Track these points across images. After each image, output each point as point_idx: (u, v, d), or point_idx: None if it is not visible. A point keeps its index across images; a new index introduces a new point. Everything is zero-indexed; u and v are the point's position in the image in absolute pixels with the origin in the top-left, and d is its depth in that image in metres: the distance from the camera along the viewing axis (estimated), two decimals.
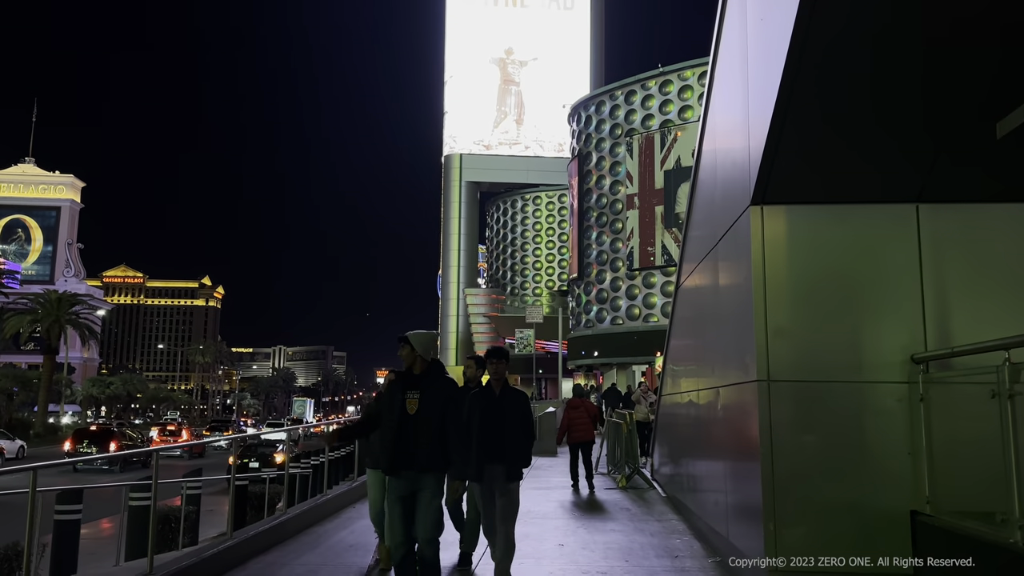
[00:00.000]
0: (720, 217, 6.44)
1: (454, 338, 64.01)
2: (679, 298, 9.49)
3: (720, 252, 6.51)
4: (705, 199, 7.68)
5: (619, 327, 44.63)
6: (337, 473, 13.09)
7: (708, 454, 7.39)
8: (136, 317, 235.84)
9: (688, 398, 8.57)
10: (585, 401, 12.36)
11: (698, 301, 8.04)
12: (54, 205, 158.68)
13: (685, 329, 9.00)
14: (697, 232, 8.11)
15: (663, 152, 44.07)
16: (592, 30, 70.59)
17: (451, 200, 66.26)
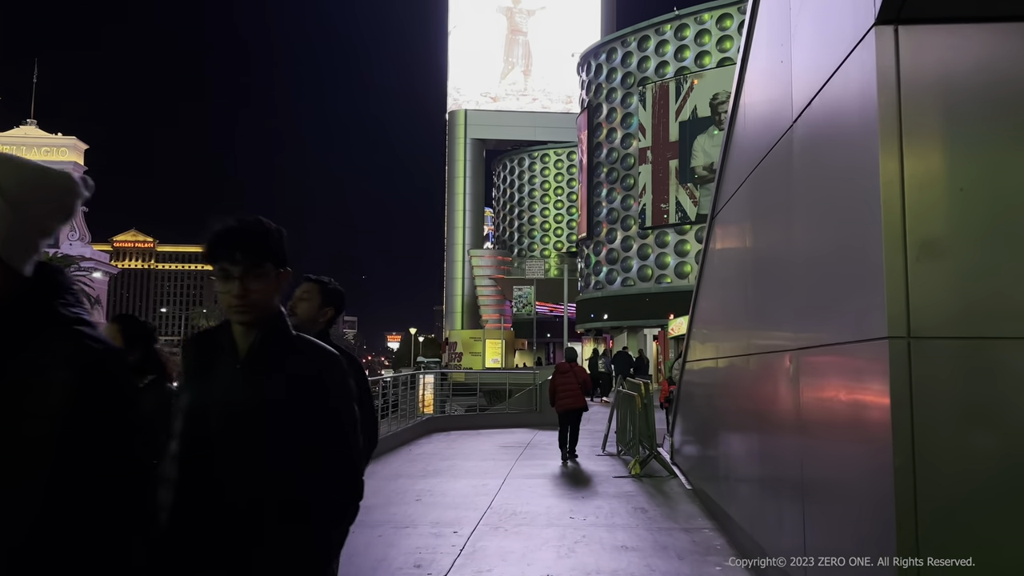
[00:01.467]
0: (807, 70, 4.10)
1: (460, 301, 61.96)
2: (715, 235, 7.20)
3: (802, 134, 4.19)
4: (770, 59, 5.27)
5: (630, 289, 42.37)
6: None
7: (766, 444, 5.17)
8: (147, 282, 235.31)
9: (729, 364, 6.35)
10: (575, 366, 11.35)
11: (751, 229, 5.75)
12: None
13: (726, 273, 6.73)
14: (751, 127, 5.76)
15: (678, 102, 41.36)
16: None
17: (455, 159, 63.77)
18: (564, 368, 11.29)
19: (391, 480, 8.93)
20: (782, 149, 4.56)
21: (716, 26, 40.90)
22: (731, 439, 6.48)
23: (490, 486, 8.44)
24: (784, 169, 4.53)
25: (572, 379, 10.99)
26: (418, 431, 13.92)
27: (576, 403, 10.93)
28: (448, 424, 15.20)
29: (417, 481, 8.85)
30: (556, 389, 11.10)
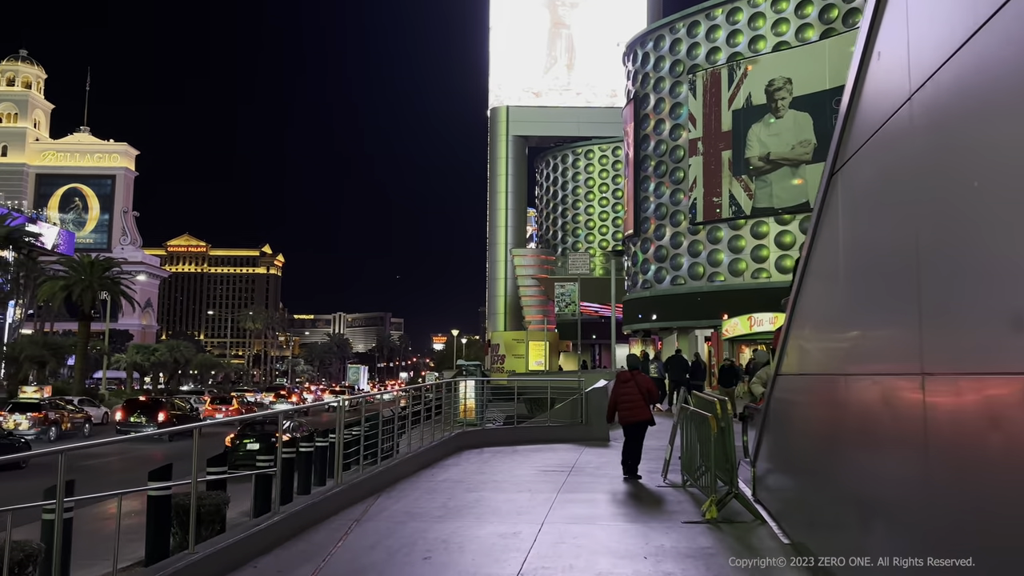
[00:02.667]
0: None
1: (502, 302, 60.20)
2: (838, 201, 5.17)
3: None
4: None
5: (680, 287, 40.13)
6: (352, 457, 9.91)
7: (949, 506, 3.17)
8: (199, 285, 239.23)
9: (874, 383, 4.34)
10: (637, 374, 10.35)
11: (910, 185, 3.74)
12: (109, 173, 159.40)
13: (866, 256, 4.68)
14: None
15: (731, 89, 39.00)
16: None
17: (498, 156, 62.00)
18: (625, 377, 10.30)
19: (401, 523, 7.12)
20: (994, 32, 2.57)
21: (771, 9, 38.51)
22: (872, 483, 4.48)
23: (523, 535, 6.57)
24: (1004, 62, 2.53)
25: (634, 389, 9.98)
26: (447, 448, 12.12)
27: (639, 415, 9.92)
28: (482, 439, 13.35)
29: (432, 525, 7.02)
30: (617, 400, 10.20)
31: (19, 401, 32.25)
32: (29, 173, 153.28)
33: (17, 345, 44.90)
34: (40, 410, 30.28)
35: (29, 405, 30.89)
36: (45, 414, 30.12)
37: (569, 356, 49.76)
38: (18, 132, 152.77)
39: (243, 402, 47.89)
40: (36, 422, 29.39)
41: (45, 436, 29.11)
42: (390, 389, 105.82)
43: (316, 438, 10.32)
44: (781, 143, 37.48)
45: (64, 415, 31.81)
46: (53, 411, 31.15)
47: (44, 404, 31.75)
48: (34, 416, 29.60)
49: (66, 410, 32.73)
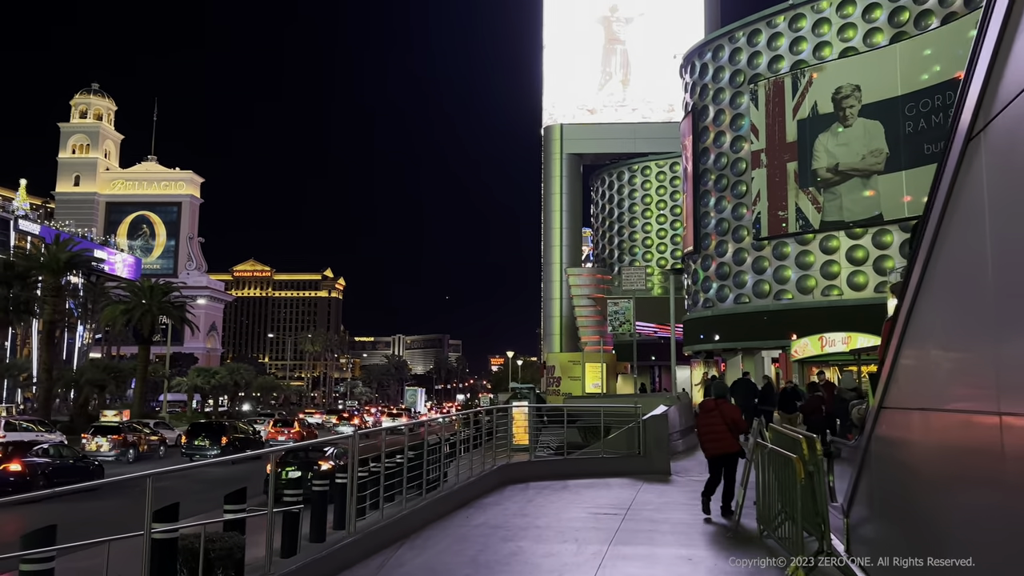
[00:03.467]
0: None
1: (557, 323, 58.88)
2: (979, 173, 3.80)
3: None
4: None
5: (744, 306, 38.24)
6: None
7: None
8: (264, 309, 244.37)
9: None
10: (722, 403, 9.77)
11: None
12: (175, 200, 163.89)
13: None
14: None
15: (796, 99, 37.22)
16: None
17: (551, 175, 60.99)
18: (709, 406, 9.81)
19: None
20: None
21: (836, 14, 36.72)
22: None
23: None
24: None
25: (718, 419, 9.41)
26: (489, 483, 10.91)
27: (722, 447, 9.34)
28: (528, 472, 12.09)
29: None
30: (702, 434, 9.83)
31: (100, 424, 33.96)
32: (99, 202, 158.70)
33: (78, 369, 45.49)
34: (119, 433, 31.84)
35: (109, 428, 32.51)
36: (124, 436, 31.70)
37: (627, 379, 48.11)
38: (89, 162, 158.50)
39: (304, 424, 47.67)
40: (116, 444, 31.02)
41: (124, 457, 30.80)
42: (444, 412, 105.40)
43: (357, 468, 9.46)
44: (850, 153, 35.51)
45: (141, 437, 33.33)
46: (131, 434, 32.74)
47: (123, 427, 33.29)
48: (114, 438, 31.17)
49: (143, 433, 34.30)
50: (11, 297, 33.97)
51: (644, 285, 31.78)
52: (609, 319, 35.41)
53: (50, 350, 38.10)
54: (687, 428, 20.12)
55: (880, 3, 35.36)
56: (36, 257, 40.51)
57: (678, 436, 18.15)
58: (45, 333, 39.08)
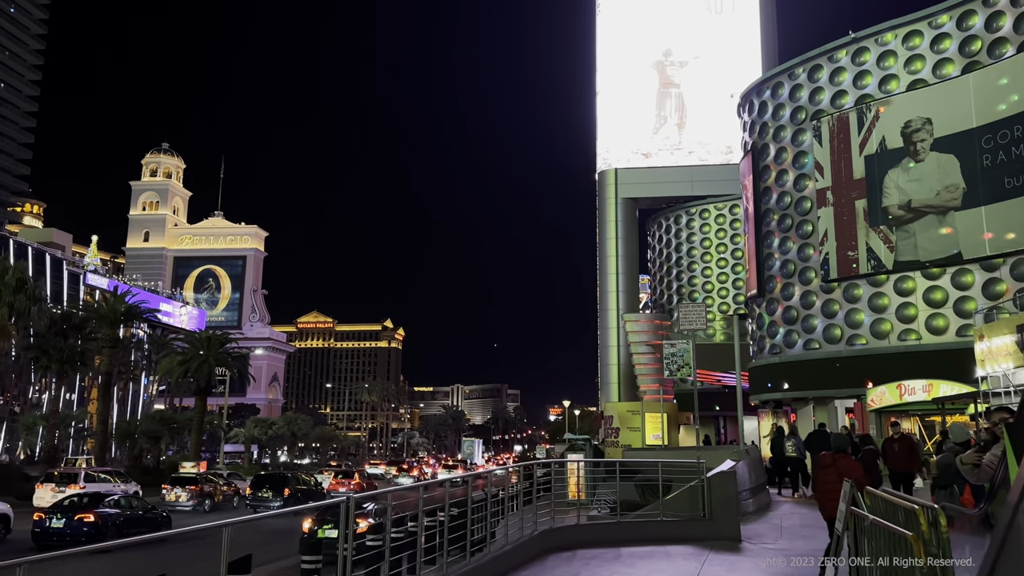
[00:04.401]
0: None
1: (615, 371, 57.05)
2: None
3: None
4: None
5: (814, 352, 36.12)
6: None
7: None
8: (326, 360, 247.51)
9: None
10: (841, 458, 8.89)
11: None
12: (240, 254, 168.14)
13: None
14: None
15: (862, 134, 35.54)
16: (762, 14, 62.34)
17: (606, 220, 59.89)
18: (825, 461, 9.06)
19: None
20: None
21: (902, 46, 35.17)
22: None
23: None
24: None
25: (834, 476, 8.51)
26: (528, 551, 9.58)
27: None
28: (573, 538, 10.70)
29: None
30: (816, 489, 9.45)
31: (179, 476, 35.48)
32: (168, 256, 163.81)
33: (132, 420, 45.57)
34: (196, 484, 33.15)
35: (187, 479, 33.93)
36: (200, 487, 32.96)
37: (689, 430, 45.94)
38: (159, 219, 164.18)
39: (365, 476, 47.44)
40: (193, 495, 32.30)
41: (200, 507, 32.14)
42: (501, 464, 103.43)
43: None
44: (924, 189, 33.52)
45: (216, 488, 34.59)
46: (207, 485, 34.06)
47: (200, 478, 34.71)
48: (191, 489, 32.48)
49: (217, 484, 35.61)
50: (65, 348, 34.41)
51: (704, 325, 29.96)
52: (666, 363, 33.56)
53: (106, 401, 38.23)
54: (758, 486, 18.36)
55: (949, 33, 33.70)
56: (94, 308, 41.11)
57: (748, 495, 16.47)
58: (102, 384, 39.19)
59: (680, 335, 37.59)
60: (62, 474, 31.45)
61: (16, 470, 36.37)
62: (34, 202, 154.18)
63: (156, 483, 37.34)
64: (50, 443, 35.31)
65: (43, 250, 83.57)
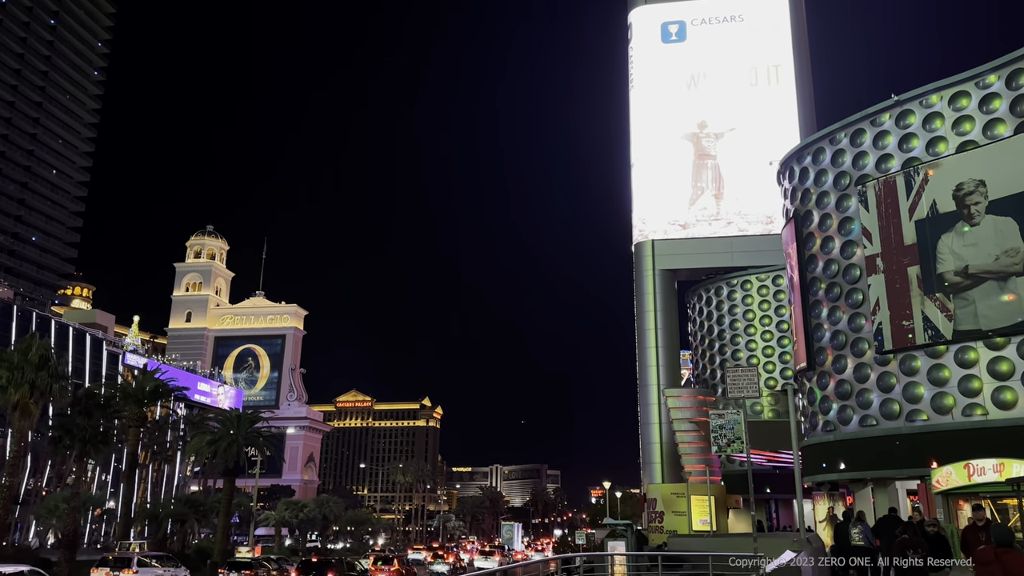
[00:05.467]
0: None
1: (658, 450, 54.55)
2: None
3: None
4: None
5: (872, 429, 33.75)
6: None
7: None
8: (364, 439, 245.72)
9: None
10: (1006, 554, 7.87)
11: None
12: (279, 333, 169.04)
13: None
14: None
15: (911, 198, 33.97)
16: (798, 83, 61.81)
17: (644, 292, 58.45)
18: (986, 557, 8.21)
19: None
20: None
21: (949, 107, 33.90)
22: None
23: None
24: None
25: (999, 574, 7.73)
26: None
27: None
28: None
29: None
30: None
31: (235, 560, 36.51)
32: (209, 336, 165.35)
33: (157, 502, 44.32)
34: (251, 568, 33.90)
35: (243, 564, 34.85)
36: (255, 572, 33.59)
37: (740, 514, 43.15)
38: (201, 300, 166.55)
39: (405, 562, 46.22)
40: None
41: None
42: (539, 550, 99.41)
43: None
44: (981, 254, 31.64)
45: (269, 573, 35.22)
46: (261, 569, 34.79)
47: (254, 563, 35.58)
48: (247, 574, 33.21)
49: (270, 568, 36.15)
50: (88, 427, 33.62)
51: (756, 392, 27.69)
52: (713, 437, 31.08)
53: (130, 482, 37.06)
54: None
55: (999, 93, 32.40)
56: (121, 386, 40.51)
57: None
58: (128, 465, 38.20)
59: (728, 405, 35.28)
60: (116, 559, 31.77)
61: (31, 554, 35.31)
62: (84, 285, 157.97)
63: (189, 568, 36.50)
64: (71, 526, 34.24)
65: (84, 330, 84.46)
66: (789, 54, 62.53)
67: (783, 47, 62.89)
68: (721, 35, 64.71)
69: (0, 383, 28.76)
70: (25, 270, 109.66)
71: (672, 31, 65.31)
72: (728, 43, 64.32)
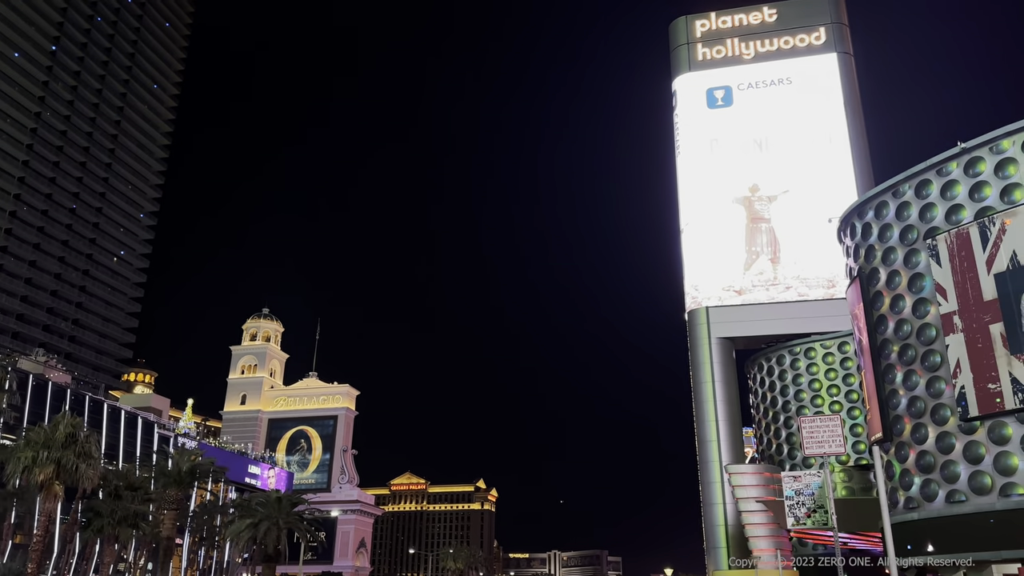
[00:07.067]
0: None
1: (722, 532, 50.74)
2: None
3: None
4: None
5: (960, 506, 30.28)
6: None
7: None
8: (418, 524, 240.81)
9: None
10: None
11: None
12: (331, 414, 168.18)
13: None
14: None
15: (988, 250, 31.32)
16: (852, 139, 59.77)
17: (700, 362, 55.67)
18: None
19: None
20: None
21: (1023, 152, 31.48)
22: None
23: None
24: None
25: None
26: None
27: None
28: None
29: None
30: None
31: None
32: (263, 418, 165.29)
33: None
34: None
35: None
36: None
37: None
38: (256, 382, 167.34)
39: None
40: None
41: None
42: None
43: None
44: None
45: None
46: None
47: None
48: None
49: None
50: (119, 509, 32.27)
51: (841, 447, 24.50)
52: (788, 507, 27.27)
53: (165, 568, 35.42)
54: None
55: None
56: (160, 467, 39.37)
57: None
58: (163, 548, 36.70)
59: (804, 466, 31.80)
60: None
61: None
62: (146, 372, 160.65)
63: None
64: None
65: (136, 414, 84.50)
66: (841, 113, 60.89)
67: (835, 107, 61.31)
68: (769, 98, 63.50)
69: (24, 463, 27.86)
70: (85, 356, 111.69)
71: (718, 96, 64.38)
72: (777, 106, 63.03)
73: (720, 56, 65.62)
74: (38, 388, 68.03)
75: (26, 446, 28.02)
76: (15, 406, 59.90)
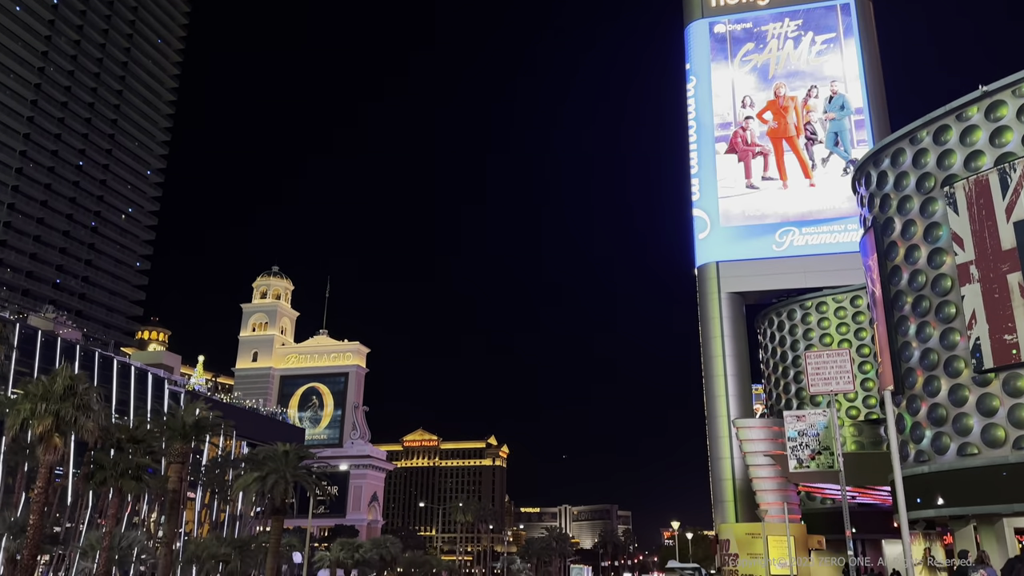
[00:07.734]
0: None
1: (729, 487, 50.60)
2: None
3: None
4: None
5: (972, 459, 29.75)
6: None
7: None
8: (431, 479, 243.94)
9: None
10: None
11: None
12: (342, 371, 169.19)
13: None
14: None
15: (1007, 197, 30.26)
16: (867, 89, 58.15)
17: (709, 317, 54.98)
18: None
19: None
20: None
21: None
22: None
23: None
24: None
25: None
26: None
27: None
28: None
29: None
30: None
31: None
32: (275, 376, 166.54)
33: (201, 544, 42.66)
34: None
35: None
36: None
37: (823, 556, 38.86)
38: (267, 339, 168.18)
39: None
40: None
41: None
42: None
43: None
44: None
45: None
46: None
47: None
48: None
49: None
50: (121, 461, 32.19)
51: (849, 384, 23.95)
52: (791, 449, 26.78)
53: (172, 521, 35.56)
54: None
55: None
56: (166, 421, 39.39)
57: None
58: (169, 502, 36.80)
59: (810, 405, 30.89)
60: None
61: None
62: (160, 330, 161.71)
63: None
64: (103, 568, 32.65)
65: (146, 370, 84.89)
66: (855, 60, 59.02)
67: (850, 54, 59.46)
68: (785, 44, 61.71)
69: (24, 415, 27.68)
70: (96, 313, 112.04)
71: (731, 39, 62.63)
72: (792, 51, 61.25)
73: (735, 2, 63.74)
74: (47, 344, 68.25)
75: (24, 399, 27.89)
76: (23, 361, 60.19)
